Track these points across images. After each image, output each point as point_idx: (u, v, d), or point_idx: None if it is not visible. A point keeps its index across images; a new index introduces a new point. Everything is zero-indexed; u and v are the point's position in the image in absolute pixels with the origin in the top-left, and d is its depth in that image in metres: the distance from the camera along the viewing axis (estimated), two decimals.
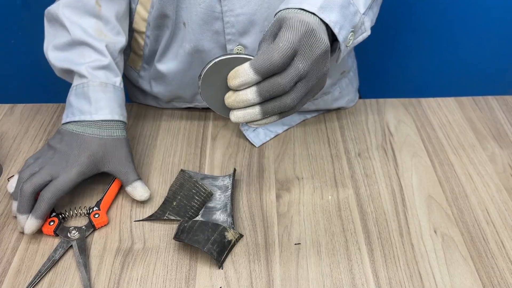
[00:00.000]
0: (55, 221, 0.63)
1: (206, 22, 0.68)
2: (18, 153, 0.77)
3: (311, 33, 0.50)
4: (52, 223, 0.63)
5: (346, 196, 0.69)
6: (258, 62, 0.48)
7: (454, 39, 1.19)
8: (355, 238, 0.63)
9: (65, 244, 0.62)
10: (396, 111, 0.85)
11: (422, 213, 0.67)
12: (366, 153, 0.77)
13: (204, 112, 0.85)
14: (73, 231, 0.63)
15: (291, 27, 0.50)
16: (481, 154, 0.77)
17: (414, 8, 1.13)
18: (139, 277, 0.59)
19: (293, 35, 0.49)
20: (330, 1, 0.55)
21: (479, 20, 1.14)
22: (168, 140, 0.79)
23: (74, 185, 0.63)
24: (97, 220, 0.64)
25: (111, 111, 0.67)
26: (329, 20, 0.54)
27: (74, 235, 0.62)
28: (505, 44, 1.18)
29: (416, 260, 0.61)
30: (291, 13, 0.52)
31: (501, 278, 0.59)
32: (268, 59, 0.48)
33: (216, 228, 0.61)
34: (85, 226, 0.64)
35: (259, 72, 0.49)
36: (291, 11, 0.53)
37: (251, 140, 0.78)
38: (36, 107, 0.86)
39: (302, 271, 0.60)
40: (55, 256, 0.60)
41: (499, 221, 0.66)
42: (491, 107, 0.86)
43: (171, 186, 0.68)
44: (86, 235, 0.63)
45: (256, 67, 0.48)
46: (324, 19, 0.54)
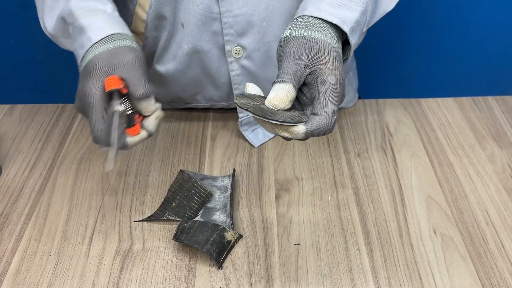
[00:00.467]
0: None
1: (204, 23, 0.68)
2: (18, 154, 0.77)
3: (343, 94, 0.50)
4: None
5: (346, 196, 0.69)
6: (313, 130, 0.48)
7: (453, 39, 1.19)
8: (355, 238, 0.63)
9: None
10: (396, 112, 0.85)
11: (421, 214, 0.67)
12: (366, 153, 0.77)
13: (204, 113, 0.85)
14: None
15: (336, 91, 0.49)
16: (481, 154, 0.77)
17: (413, 8, 1.13)
18: (139, 277, 0.59)
19: (338, 102, 0.49)
20: (359, 23, 0.56)
21: (479, 20, 1.14)
22: (167, 140, 0.79)
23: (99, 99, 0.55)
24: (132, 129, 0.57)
25: (109, 26, 0.59)
26: (353, 43, 0.56)
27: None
28: (504, 44, 1.18)
29: (415, 261, 0.61)
30: (331, 53, 0.51)
31: (500, 278, 0.59)
32: (324, 128, 0.48)
33: (215, 229, 0.61)
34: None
35: (308, 136, 0.48)
36: (327, 39, 0.52)
37: (250, 140, 0.78)
38: (36, 107, 0.86)
39: (302, 271, 0.60)
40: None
41: (499, 221, 0.66)
42: (490, 108, 0.86)
43: (171, 187, 0.68)
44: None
45: (309, 133, 0.48)
46: (351, 41, 0.55)
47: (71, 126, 0.82)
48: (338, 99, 0.49)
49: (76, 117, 0.84)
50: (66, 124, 0.83)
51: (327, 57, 0.50)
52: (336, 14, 0.54)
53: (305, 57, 0.50)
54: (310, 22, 0.53)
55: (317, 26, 0.53)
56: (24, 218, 0.66)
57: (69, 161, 0.75)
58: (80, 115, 0.84)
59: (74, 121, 0.83)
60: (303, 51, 0.50)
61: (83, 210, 0.68)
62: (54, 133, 0.81)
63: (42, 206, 0.68)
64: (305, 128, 0.47)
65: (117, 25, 0.59)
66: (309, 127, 0.47)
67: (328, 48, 0.51)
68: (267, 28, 0.68)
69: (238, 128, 0.79)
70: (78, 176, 0.73)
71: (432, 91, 1.27)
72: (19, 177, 0.73)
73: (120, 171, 0.73)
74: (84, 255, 0.62)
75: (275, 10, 0.67)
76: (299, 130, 0.48)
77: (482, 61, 1.22)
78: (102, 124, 0.53)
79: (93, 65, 0.55)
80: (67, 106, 0.87)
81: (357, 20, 0.56)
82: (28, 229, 0.65)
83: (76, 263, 0.61)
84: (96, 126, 0.53)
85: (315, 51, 0.50)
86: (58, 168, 0.74)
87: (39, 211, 0.67)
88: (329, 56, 0.50)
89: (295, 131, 0.48)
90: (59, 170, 0.74)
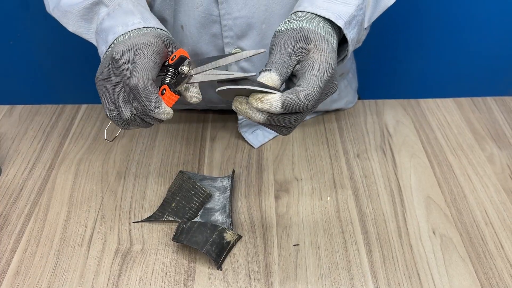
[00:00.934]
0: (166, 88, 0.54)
1: (204, 25, 0.68)
2: (17, 154, 0.77)
3: (332, 78, 0.50)
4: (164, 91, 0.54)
5: (345, 197, 0.69)
6: (288, 100, 0.47)
7: (452, 40, 1.19)
8: (354, 239, 0.63)
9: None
10: (395, 112, 0.85)
11: (420, 214, 0.67)
12: (365, 154, 0.77)
13: (203, 114, 0.85)
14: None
15: (321, 70, 0.49)
16: (480, 155, 0.77)
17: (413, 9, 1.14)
18: (138, 278, 0.59)
19: (324, 79, 0.49)
20: (355, 17, 0.56)
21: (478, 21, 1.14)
22: (167, 141, 0.79)
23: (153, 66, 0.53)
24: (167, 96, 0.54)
25: (158, 23, 0.59)
26: (349, 37, 0.55)
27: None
28: (503, 45, 1.18)
29: (414, 261, 0.61)
30: (319, 39, 0.51)
31: (499, 279, 0.59)
32: (300, 100, 0.47)
33: (215, 229, 0.61)
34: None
35: (284, 109, 0.47)
36: (317, 29, 0.52)
37: (249, 141, 0.78)
38: (35, 108, 0.86)
39: (301, 272, 0.60)
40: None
41: (498, 222, 0.66)
42: (489, 108, 0.86)
43: (170, 187, 0.68)
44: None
45: (285, 104, 0.47)
46: (347, 35, 0.55)
47: (70, 126, 0.82)
48: (322, 78, 0.48)
49: (75, 117, 0.84)
50: (65, 124, 0.83)
51: (314, 44, 0.50)
52: (330, 9, 0.54)
53: (293, 47, 0.50)
54: (304, 16, 0.54)
55: (310, 19, 0.54)
56: (24, 219, 0.67)
57: (69, 161, 0.75)
58: (79, 115, 0.84)
59: (74, 122, 0.83)
60: (291, 42, 0.51)
61: (83, 211, 0.68)
62: (53, 134, 0.81)
63: (41, 206, 0.68)
64: (280, 96, 0.47)
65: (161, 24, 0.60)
66: (285, 97, 0.47)
67: (316, 37, 0.51)
68: (267, 30, 0.68)
69: (238, 129, 0.79)
70: (77, 177, 0.73)
71: (431, 91, 1.27)
72: (18, 177, 0.73)
73: (120, 172, 0.73)
74: (83, 256, 0.62)
75: (275, 12, 0.67)
76: (274, 98, 0.47)
77: (481, 62, 1.22)
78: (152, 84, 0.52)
79: (157, 37, 0.54)
80: (67, 106, 0.87)
81: (353, 14, 0.55)
82: (27, 230, 0.65)
83: (75, 263, 0.61)
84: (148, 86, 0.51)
85: (303, 40, 0.51)
86: (57, 169, 0.74)
87: (39, 211, 0.68)
88: (316, 43, 0.51)
89: (270, 100, 0.47)
90: (58, 170, 0.74)
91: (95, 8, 0.61)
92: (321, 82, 0.48)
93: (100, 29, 0.60)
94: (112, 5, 0.60)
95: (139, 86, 0.50)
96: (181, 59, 0.54)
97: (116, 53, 0.53)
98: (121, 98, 0.54)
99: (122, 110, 0.54)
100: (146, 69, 0.51)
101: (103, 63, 0.56)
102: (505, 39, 1.17)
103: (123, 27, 0.57)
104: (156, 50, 0.53)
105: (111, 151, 0.77)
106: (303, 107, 0.47)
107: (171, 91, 0.53)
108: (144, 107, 0.52)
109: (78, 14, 0.62)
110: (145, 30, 0.56)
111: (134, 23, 0.57)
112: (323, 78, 0.49)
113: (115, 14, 0.59)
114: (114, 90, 0.54)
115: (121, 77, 0.53)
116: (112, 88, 0.55)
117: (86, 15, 0.62)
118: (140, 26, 0.57)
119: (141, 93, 0.51)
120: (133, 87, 0.51)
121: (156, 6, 0.68)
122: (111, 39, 0.57)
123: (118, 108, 0.55)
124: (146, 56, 0.52)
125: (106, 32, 0.58)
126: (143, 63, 0.52)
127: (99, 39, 0.60)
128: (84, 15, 0.62)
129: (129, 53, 0.53)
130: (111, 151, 0.77)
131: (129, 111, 0.54)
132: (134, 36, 0.55)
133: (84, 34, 0.64)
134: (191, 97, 0.55)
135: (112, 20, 0.59)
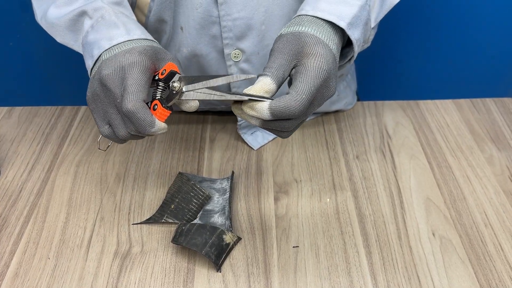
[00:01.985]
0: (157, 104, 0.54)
1: (203, 26, 0.68)
2: (16, 156, 0.77)
3: (326, 82, 0.51)
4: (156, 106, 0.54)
5: (344, 198, 0.69)
6: (277, 107, 0.48)
7: (452, 41, 1.19)
8: (353, 241, 0.63)
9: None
10: (394, 114, 0.85)
11: (420, 216, 0.67)
12: (364, 155, 0.77)
13: (203, 115, 0.85)
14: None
15: (312, 76, 0.50)
16: (479, 156, 0.77)
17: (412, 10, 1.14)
18: (137, 280, 0.59)
19: (314, 86, 0.49)
20: (358, 17, 0.56)
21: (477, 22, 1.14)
22: (166, 142, 0.79)
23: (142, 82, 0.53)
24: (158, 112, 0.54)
25: (143, 32, 0.59)
26: (354, 38, 0.56)
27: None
28: (503, 46, 1.18)
29: (414, 263, 0.61)
30: (315, 43, 0.51)
31: (499, 280, 0.59)
32: (288, 107, 0.48)
33: (214, 231, 0.61)
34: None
35: (274, 116, 0.49)
36: (315, 33, 0.53)
37: (249, 143, 0.78)
38: (34, 110, 0.86)
39: (300, 274, 0.60)
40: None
41: (497, 223, 0.66)
42: (489, 109, 0.86)
43: (169, 189, 0.68)
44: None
45: (274, 112, 0.48)
46: (350, 36, 0.55)
47: (69, 128, 0.82)
48: (313, 84, 0.49)
49: (74, 119, 0.84)
50: (64, 126, 0.83)
51: (309, 48, 0.51)
52: (332, 11, 0.55)
53: (290, 51, 0.51)
54: (305, 20, 0.54)
55: (311, 22, 0.54)
56: (23, 221, 0.66)
57: (68, 163, 0.75)
58: (78, 117, 0.84)
59: (73, 124, 0.83)
60: (289, 46, 0.52)
61: (82, 212, 0.68)
62: (52, 136, 0.81)
63: (40, 208, 0.68)
64: (269, 104, 0.48)
65: (149, 34, 0.60)
66: (273, 104, 0.48)
67: (312, 41, 0.52)
68: (266, 31, 0.68)
69: (237, 131, 0.79)
70: (76, 179, 0.73)
71: (431, 93, 1.27)
72: (17, 179, 0.73)
73: (119, 174, 0.73)
74: (82, 258, 0.62)
75: (274, 13, 0.67)
76: (263, 107, 0.49)
77: (480, 63, 1.22)
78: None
79: (145, 51, 0.54)
80: (66, 108, 0.87)
81: (356, 15, 0.56)
82: (26, 232, 0.65)
83: (74, 266, 0.61)
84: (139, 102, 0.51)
85: (299, 45, 0.52)
86: (56, 171, 0.74)
87: (38, 213, 0.67)
88: (311, 47, 0.51)
89: (259, 108, 0.49)
90: (57, 172, 0.74)
91: (80, 19, 0.61)
92: (311, 88, 0.49)
93: (85, 42, 0.60)
94: (95, 17, 0.60)
95: (132, 110, 0.51)
96: (171, 74, 0.53)
97: (104, 76, 0.53)
98: (115, 119, 0.54)
99: (117, 130, 0.54)
100: (136, 91, 0.51)
101: (92, 83, 0.55)
102: (504, 40, 1.17)
103: (107, 41, 0.57)
104: (143, 70, 0.53)
105: (110, 152, 0.77)
106: (292, 114, 0.49)
107: (163, 107, 0.53)
108: (139, 128, 0.52)
109: (65, 25, 0.62)
110: (130, 44, 0.56)
111: (118, 37, 0.57)
112: (314, 84, 0.49)
113: (98, 27, 0.59)
114: (107, 111, 0.54)
115: (113, 99, 0.53)
116: (105, 109, 0.55)
117: (72, 26, 0.62)
118: (125, 39, 0.57)
119: (134, 116, 0.51)
120: (126, 112, 0.51)
121: (156, 7, 0.68)
122: (96, 54, 0.57)
123: (113, 128, 0.55)
124: (134, 78, 0.52)
125: (91, 46, 0.58)
126: (133, 85, 0.52)
127: (85, 53, 0.60)
128: (70, 26, 0.62)
129: (117, 76, 0.53)
130: (110, 153, 0.77)
131: (124, 131, 0.54)
132: (120, 53, 0.54)
133: (72, 45, 0.63)
134: (187, 108, 0.55)
135: (96, 34, 0.58)
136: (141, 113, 0.51)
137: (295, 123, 0.51)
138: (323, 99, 0.52)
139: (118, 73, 0.53)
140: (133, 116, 0.51)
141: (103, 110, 0.55)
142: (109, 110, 0.54)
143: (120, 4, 0.62)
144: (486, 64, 1.22)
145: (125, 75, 0.52)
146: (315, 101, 0.51)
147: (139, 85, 0.52)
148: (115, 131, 0.55)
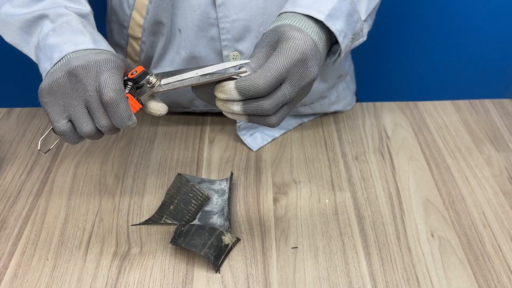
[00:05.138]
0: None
1: (202, 28, 0.68)
2: (15, 157, 0.77)
3: (303, 63, 0.51)
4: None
5: (343, 199, 0.69)
6: (242, 85, 0.49)
7: (450, 42, 1.19)
8: (352, 241, 0.63)
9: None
10: (393, 115, 0.85)
11: (419, 217, 0.67)
12: (363, 156, 0.77)
13: (202, 116, 0.85)
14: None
15: (283, 55, 0.50)
16: (478, 157, 0.77)
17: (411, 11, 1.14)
18: (136, 281, 0.59)
19: (284, 64, 0.50)
20: (338, 9, 0.56)
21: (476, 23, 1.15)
22: (165, 143, 0.79)
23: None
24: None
25: (109, 46, 0.59)
26: (335, 29, 0.56)
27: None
28: (501, 47, 1.18)
29: (413, 264, 0.61)
30: (291, 29, 0.52)
31: (498, 281, 0.59)
32: (253, 85, 0.49)
33: (213, 232, 0.61)
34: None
35: (242, 95, 0.50)
36: (293, 23, 0.53)
37: (248, 144, 0.78)
38: (33, 111, 0.86)
39: (300, 275, 0.60)
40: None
41: (496, 224, 0.66)
42: (487, 110, 0.86)
43: (168, 190, 0.68)
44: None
45: (240, 90, 0.49)
46: (330, 27, 0.55)
47: None
48: (282, 62, 0.50)
49: None
50: None
51: (286, 34, 0.52)
52: (310, 6, 0.55)
53: (269, 44, 0.53)
54: (284, 16, 0.56)
55: (290, 17, 0.55)
56: (21, 222, 0.66)
57: (67, 164, 0.75)
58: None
59: None
60: (267, 39, 0.53)
61: (81, 213, 0.67)
62: (51, 137, 0.81)
63: (39, 209, 0.68)
64: (235, 83, 0.49)
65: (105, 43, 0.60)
66: (239, 82, 0.49)
67: (289, 28, 0.52)
68: None
69: (236, 132, 0.79)
70: (75, 180, 0.73)
71: (430, 94, 1.27)
72: (16, 180, 0.73)
73: (118, 174, 0.73)
74: (81, 259, 0.61)
75: (272, 15, 0.67)
76: (230, 86, 0.50)
77: (479, 64, 1.22)
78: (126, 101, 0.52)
79: (112, 56, 0.54)
80: None
81: (335, 7, 0.56)
82: (25, 233, 0.65)
83: (73, 266, 0.61)
84: (125, 106, 0.51)
85: (277, 35, 0.53)
86: (55, 172, 0.74)
87: (36, 214, 0.67)
88: (288, 33, 0.52)
89: (227, 89, 0.50)
90: (56, 173, 0.74)
91: (38, 22, 0.59)
92: (279, 66, 0.50)
93: (43, 44, 0.58)
94: (59, 22, 0.58)
95: (116, 99, 0.50)
96: (143, 73, 0.54)
97: (76, 67, 0.52)
98: (80, 113, 0.52)
99: (81, 125, 0.53)
100: (117, 82, 0.51)
101: (53, 76, 0.54)
102: (503, 41, 1.17)
103: (72, 46, 0.56)
104: (117, 67, 0.53)
105: (109, 153, 0.77)
106: (259, 91, 0.49)
107: (135, 99, 0.53)
108: (116, 120, 0.51)
109: (18, 25, 0.60)
110: (98, 50, 0.56)
111: (84, 44, 0.56)
112: (283, 62, 0.50)
113: (62, 31, 0.57)
114: (71, 104, 0.53)
115: (83, 91, 0.52)
116: (67, 102, 0.53)
117: (27, 27, 0.60)
118: (91, 47, 0.56)
119: (117, 106, 0.51)
120: (109, 101, 0.50)
121: (153, 10, 0.68)
122: (56, 57, 0.56)
123: (75, 123, 0.53)
124: (112, 72, 0.52)
125: (51, 49, 0.57)
126: (113, 77, 0.51)
127: (41, 55, 0.58)
128: (24, 27, 0.60)
129: (91, 68, 0.52)
130: (109, 154, 0.77)
131: (91, 126, 0.53)
132: (90, 53, 0.54)
133: (22, 47, 0.61)
134: (156, 109, 0.55)
135: (59, 37, 0.57)
136: (124, 104, 0.51)
137: (272, 103, 0.50)
138: (302, 80, 0.51)
139: (92, 66, 0.52)
140: (115, 106, 0.50)
141: (64, 104, 0.53)
142: (73, 103, 0.52)
143: (85, 17, 0.62)
144: (484, 65, 1.22)
145: (101, 69, 0.52)
146: (292, 81, 0.51)
147: (117, 77, 0.52)
148: (78, 126, 0.53)
